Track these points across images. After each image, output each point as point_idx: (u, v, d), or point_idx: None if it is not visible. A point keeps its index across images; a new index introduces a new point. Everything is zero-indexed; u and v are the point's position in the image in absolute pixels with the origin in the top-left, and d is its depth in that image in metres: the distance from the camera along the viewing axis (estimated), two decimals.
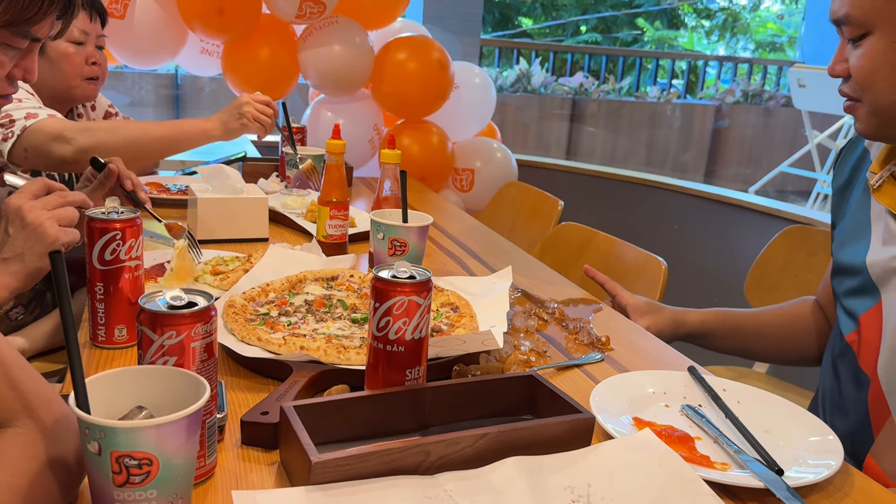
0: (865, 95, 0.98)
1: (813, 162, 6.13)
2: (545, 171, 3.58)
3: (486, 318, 1.14)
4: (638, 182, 3.42)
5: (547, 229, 2.20)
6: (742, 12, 13.72)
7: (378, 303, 0.84)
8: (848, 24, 0.97)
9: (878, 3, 0.93)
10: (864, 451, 1.05)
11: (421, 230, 1.29)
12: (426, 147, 2.74)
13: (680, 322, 1.35)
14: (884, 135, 1.01)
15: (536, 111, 6.76)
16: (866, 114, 0.99)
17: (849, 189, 1.16)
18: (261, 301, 1.17)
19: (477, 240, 1.85)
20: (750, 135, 7.65)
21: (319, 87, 2.73)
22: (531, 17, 13.08)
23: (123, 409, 0.65)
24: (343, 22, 2.61)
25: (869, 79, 0.96)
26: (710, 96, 8.01)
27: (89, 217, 0.99)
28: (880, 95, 0.96)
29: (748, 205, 3.02)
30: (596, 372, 1.09)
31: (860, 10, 0.94)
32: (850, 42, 0.98)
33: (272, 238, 1.64)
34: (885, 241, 1.04)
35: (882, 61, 0.94)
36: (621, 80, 8.16)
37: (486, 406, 0.89)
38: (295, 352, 0.98)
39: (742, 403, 0.97)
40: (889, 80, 0.94)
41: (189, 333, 0.71)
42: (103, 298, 0.99)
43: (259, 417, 0.83)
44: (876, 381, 1.04)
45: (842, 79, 1.01)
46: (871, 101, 0.98)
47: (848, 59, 0.99)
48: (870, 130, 1.01)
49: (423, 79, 2.66)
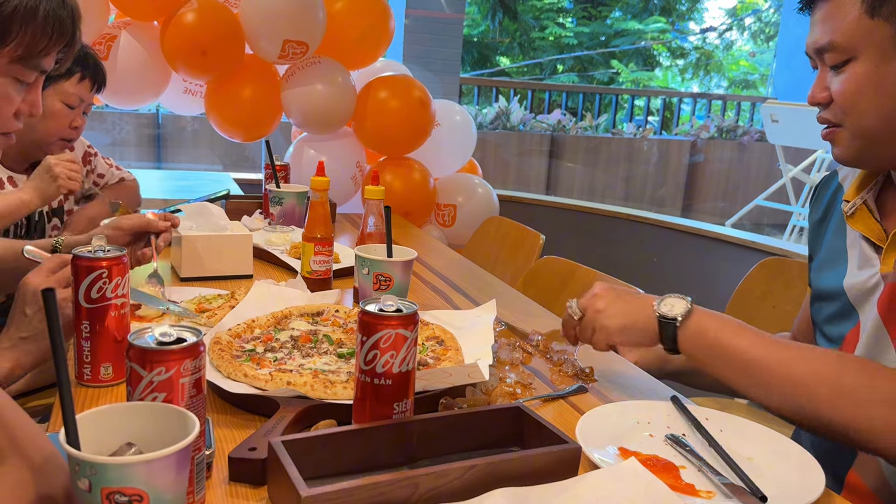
0: (848, 119, 1.01)
1: (788, 195, 6.26)
2: (526, 205, 3.62)
3: (472, 351, 1.15)
4: (617, 216, 3.47)
5: (529, 263, 2.22)
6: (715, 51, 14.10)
7: (365, 336, 0.85)
8: (831, 51, 1.00)
9: (864, 29, 0.96)
10: (846, 468, 1.07)
11: (405, 265, 1.31)
12: (409, 183, 2.77)
13: (666, 359, 1.36)
14: (863, 158, 1.04)
15: (516, 147, 6.87)
16: (848, 138, 1.02)
17: (825, 222, 1.19)
18: (246, 337, 1.18)
19: (460, 274, 1.86)
20: (725, 169, 7.81)
21: (302, 126, 2.77)
22: (509, 56, 13.34)
23: (113, 446, 0.65)
24: (325, 62, 2.65)
25: (852, 101, 0.99)
26: (685, 132, 8.18)
27: (75, 255, 0.99)
28: (863, 118, 0.99)
29: (725, 237, 3.07)
30: (581, 403, 1.10)
31: (845, 37, 0.98)
32: (832, 69, 1.01)
33: (256, 275, 1.64)
34: (861, 266, 1.07)
35: (866, 84, 0.98)
36: (598, 117, 8.31)
37: (473, 438, 0.89)
38: (282, 387, 0.98)
39: (725, 432, 0.98)
40: (872, 102, 0.98)
41: (178, 369, 0.71)
42: (89, 337, 0.99)
43: (247, 453, 0.83)
44: None
45: (820, 107, 1.04)
46: (853, 124, 1.01)
47: (829, 86, 1.02)
48: (850, 154, 1.03)
49: (405, 116, 2.71)
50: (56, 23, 0.94)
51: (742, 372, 1.00)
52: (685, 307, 1.05)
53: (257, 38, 2.54)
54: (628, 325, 1.09)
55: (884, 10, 0.94)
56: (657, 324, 1.06)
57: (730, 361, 1.01)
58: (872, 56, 0.96)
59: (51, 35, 0.93)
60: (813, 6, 1.02)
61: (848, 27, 0.97)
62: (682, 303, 1.06)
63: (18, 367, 1.04)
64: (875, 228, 1.05)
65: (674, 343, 1.05)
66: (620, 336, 1.11)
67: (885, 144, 1.00)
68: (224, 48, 2.52)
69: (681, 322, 1.04)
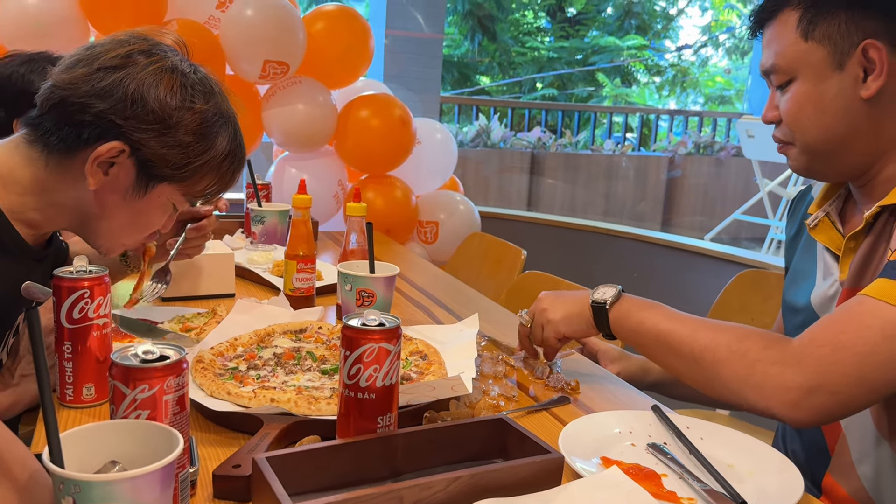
0: (795, 135, 1.08)
1: (765, 209, 6.35)
2: (507, 222, 3.65)
3: (455, 365, 1.15)
4: (597, 231, 3.51)
5: (511, 278, 2.23)
6: (691, 68, 14.32)
7: (348, 351, 0.86)
8: (775, 72, 1.07)
9: (800, 51, 1.04)
10: (822, 472, 1.09)
11: (388, 280, 1.32)
12: (391, 201, 2.79)
13: (646, 370, 1.39)
14: (813, 170, 1.10)
15: (497, 165, 6.92)
16: (797, 153, 1.09)
17: (798, 237, 1.23)
18: (229, 356, 1.17)
19: (443, 289, 1.87)
20: (703, 184, 7.91)
21: (284, 145, 2.77)
22: (489, 75, 13.46)
23: (97, 465, 0.65)
24: (306, 82, 2.67)
25: (796, 119, 1.06)
26: (663, 148, 8.28)
27: (56, 276, 0.99)
28: (807, 134, 1.06)
29: (704, 251, 3.11)
30: (563, 414, 1.11)
31: (785, 59, 1.05)
32: (779, 89, 1.09)
33: (239, 293, 1.64)
34: (825, 276, 1.11)
35: (806, 103, 1.05)
36: (577, 134, 8.40)
37: (457, 451, 0.90)
38: (265, 404, 0.98)
39: (705, 440, 1.00)
40: (813, 119, 1.04)
41: (161, 386, 0.72)
42: (71, 357, 0.99)
43: (231, 471, 0.83)
44: None
45: (774, 125, 1.11)
46: (799, 140, 1.07)
47: (778, 105, 1.08)
48: (800, 167, 1.10)
49: (387, 135, 2.73)
50: (230, 178, 1.15)
51: (660, 344, 1.07)
52: (615, 294, 1.15)
53: (238, 59, 2.55)
54: (569, 314, 1.20)
55: (816, 34, 1.02)
56: (591, 310, 1.15)
57: (647, 336, 1.09)
58: (810, 76, 1.03)
59: (221, 186, 1.15)
60: (761, 31, 1.10)
61: (787, 50, 1.05)
62: (612, 290, 1.16)
63: (19, 405, 1.07)
64: (835, 238, 1.09)
65: (608, 326, 1.14)
66: (564, 326, 1.21)
67: (831, 157, 1.06)
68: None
69: (610, 305, 1.14)
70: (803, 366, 0.91)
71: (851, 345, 0.89)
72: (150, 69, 1.04)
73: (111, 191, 1.07)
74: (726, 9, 14.40)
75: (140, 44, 1.07)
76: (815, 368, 0.90)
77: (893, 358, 0.87)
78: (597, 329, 1.17)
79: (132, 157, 1.05)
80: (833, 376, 0.89)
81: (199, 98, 1.08)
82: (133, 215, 1.11)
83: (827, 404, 0.90)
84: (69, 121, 1.03)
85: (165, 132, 1.04)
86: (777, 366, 0.93)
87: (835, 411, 0.91)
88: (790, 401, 0.91)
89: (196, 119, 1.07)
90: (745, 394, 0.96)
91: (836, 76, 1.02)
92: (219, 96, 1.13)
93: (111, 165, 1.05)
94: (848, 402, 0.90)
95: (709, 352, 0.99)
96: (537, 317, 1.25)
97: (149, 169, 1.06)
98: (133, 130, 1.03)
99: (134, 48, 1.06)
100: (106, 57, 1.04)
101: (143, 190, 1.08)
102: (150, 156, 1.05)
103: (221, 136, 1.11)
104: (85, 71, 1.03)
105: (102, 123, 1.02)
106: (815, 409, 0.90)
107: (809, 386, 0.90)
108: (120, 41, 1.07)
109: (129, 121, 1.02)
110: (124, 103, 1.02)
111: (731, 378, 0.97)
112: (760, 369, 0.94)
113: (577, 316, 1.19)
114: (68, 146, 1.04)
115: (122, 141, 1.03)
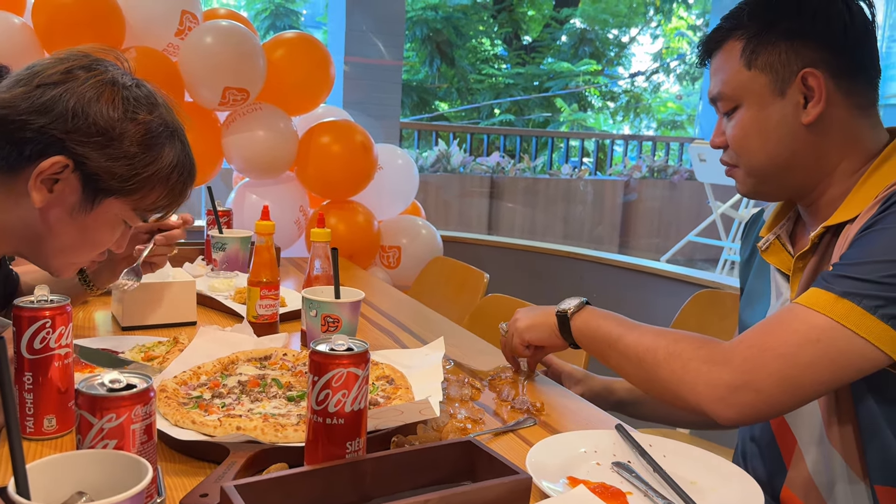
0: (741, 159, 1.13)
1: (718, 230, 6.52)
2: (469, 245, 3.67)
3: (421, 388, 1.16)
4: (557, 254, 3.56)
5: (474, 301, 2.25)
6: (644, 94, 14.69)
7: (317, 376, 0.86)
8: (721, 99, 1.12)
9: (744, 79, 1.09)
10: (780, 485, 1.12)
11: (353, 305, 1.32)
12: (353, 226, 2.79)
13: (610, 390, 1.42)
14: (760, 191, 1.15)
15: (457, 189, 6.98)
16: (743, 175, 1.14)
17: (752, 259, 1.28)
18: (193, 384, 1.16)
19: (407, 314, 1.88)
20: (658, 207, 8.10)
21: (244, 172, 2.76)
22: (447, 101, 13.60)
23: (63, 496, 0.64)
24: (266, 108, 2.67)
25: (741, 144, 1.11)
26: (618, 172, 8.46)
27: (16, 305, 0.97)
28: (752, 158, 1.11)
29: (660, 272, 3.18)
30: (530, 435, 1.12)
31: (729, 87, 1.10)
32: (725, 116, 1.14)
33: (200, 321, 1.62)
34: (777, 296, 1.16)
35: (751, 128, 1.10)
36: (535, 158, 8.53)
37: (426, 474, 0.90)
38: (231, 432, 0.97)
39: (668, 457, 1.02)
40: (758, 144, 1.09)
41: (129, 415, 0.71)
42: (32, 388, 0.97)
43: (199, 500, 0.82)
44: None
45: (722, 149, 1.16)
46: (745, 164, 1.12)
47: (725, 131, 1.13)
48: (747, 190, 1.15)
49: (348, 160, 2.73)
50: (179, 191, 1.14)
51: (612, 349, 1.14)
52: (577, 304, 1.22)
53: (197, 86, 2.54)
54: (534, 323, 1.28)
55: (759, 62, 1.07)
56: (556, 318, 1.22)
57: (602, 342, 1.16)
58: (753, 103, 1.09)
59: (171, 200, 1.13)
60: (709, 60, 1.15)
61: (731, 78, 1.10)
62: (576, 301, 1.23)
63: None
64: (786, 259, 1.14)
65: (570, 335, 1.21)
66: (529, 333, 1.29)
67: (776, 180, 1.12)
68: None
69: (571, 314, 1.21)
70: (731, 364, 0.97)
71: (776, 346, 0.94)
72: (91, 82, 1.04)
73: (57, 208, 1.06)
74: (677, 36, 14.86)
75: (80, 60, 1.06)
76: (741, 367, 0.96)
77: (815, 361, 0.93)
78: (560, 337, 1.23)
79: (77, 172, 1.03)
80: (758, 375, 0.95)
81: (143, 109, 1.07)
82: (81, 232, 1.09)
83: (753, 402, 0.95)
84: (10, 139, 1.01)
85: (109, 144, 1.03)
86: (707, 364, 0.99)
87: (761, 409, 0.96)
88: (718, 397, 0.97)
89: (140, 130, 1.06)
90: (680, 392, 1.01)
91: (778, 103, 1.07)
92: (163, 108, 1.12)
93: (55, 182, 1.03)
94: (772, 402, 0.95)
95: (650, 353, 1.06)
96: (509, 327, 1.34)
97: (94, 183, 1.05)
98: (76, 144, 1.02)
99: (74, 64, 1.05)
100: (45, 74, 1.03)
101: (90, 205, 1.07)
102: (95, 169, 1.04)
103: (168, 146, 1.10)
104: (25, 89, 1.02)
105: (44, 139, 1.01)
106: (740, 406, 0.96)
107: (736, 384, 0.96)
108: (60, 59, 1.06)
109: (70, 134, 1.01)
110: (65, 117, 1.01)
111: (669, 377, 1.03)
112: (693, 367, 1.00)
113: (542, 324, 1.26)
114: (10, 165, 1.02)
115: (66, 155, 1.01)
